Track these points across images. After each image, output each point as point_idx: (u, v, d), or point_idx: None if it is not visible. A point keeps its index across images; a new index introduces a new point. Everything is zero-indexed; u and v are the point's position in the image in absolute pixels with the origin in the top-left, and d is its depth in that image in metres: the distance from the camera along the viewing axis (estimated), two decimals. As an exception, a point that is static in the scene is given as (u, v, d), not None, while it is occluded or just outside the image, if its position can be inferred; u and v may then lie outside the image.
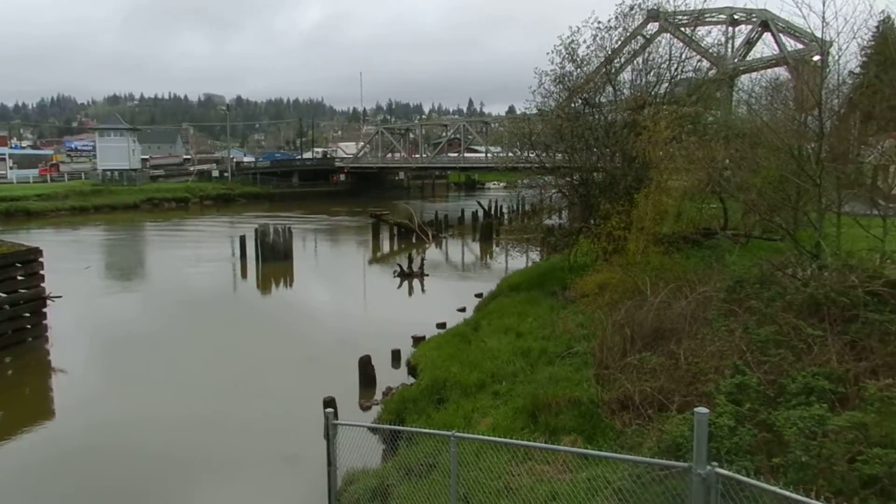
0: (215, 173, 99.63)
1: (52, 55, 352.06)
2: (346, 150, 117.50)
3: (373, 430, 12.05)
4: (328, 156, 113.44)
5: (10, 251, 22.56)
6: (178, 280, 35.46)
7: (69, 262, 36.66)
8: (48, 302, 23.25)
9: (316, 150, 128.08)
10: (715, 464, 5.22)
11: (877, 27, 20.57)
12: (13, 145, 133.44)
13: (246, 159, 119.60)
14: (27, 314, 22.57)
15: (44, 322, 23.06)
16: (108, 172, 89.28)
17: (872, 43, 20.47)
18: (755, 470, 6.21)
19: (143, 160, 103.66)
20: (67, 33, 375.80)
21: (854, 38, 15.00)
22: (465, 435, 8.10)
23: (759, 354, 9.15)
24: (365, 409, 16.33)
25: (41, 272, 23.08)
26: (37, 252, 23.13)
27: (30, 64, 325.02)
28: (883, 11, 20.85)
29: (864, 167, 18.31)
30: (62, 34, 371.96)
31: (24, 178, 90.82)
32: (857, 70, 20.65)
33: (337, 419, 9.15)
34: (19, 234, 47.96)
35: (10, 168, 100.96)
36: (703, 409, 5.33)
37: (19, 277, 22.42)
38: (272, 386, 18.29)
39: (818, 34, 15.07)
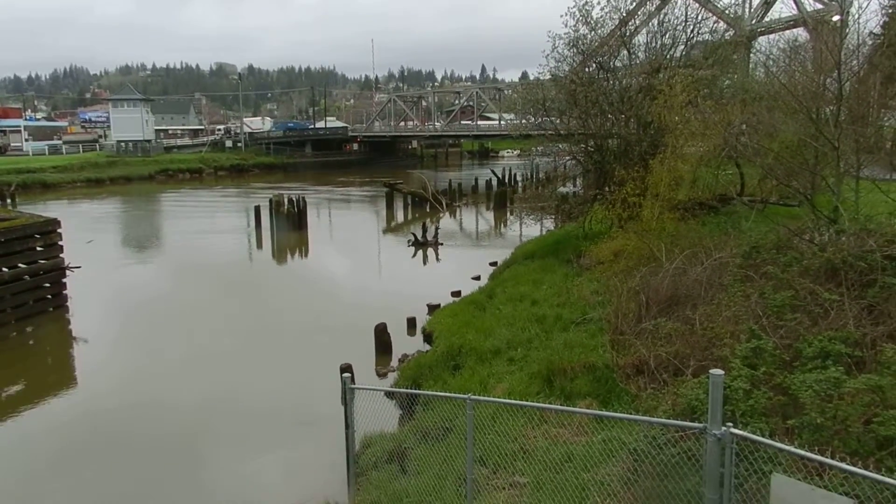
0: (229, 143, 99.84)
1: (63, 22, 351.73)
2: (252, 125, 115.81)
3: (389, 394, 12.19)
4: (232, 132, 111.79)
5: (28, 222, 22.82)
6: (195, 250, 35.75)
7: (86, 233, 36.97)
8: (67, 272, 23.56)
9: (218, 127, 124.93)
10: (730, 424, 5.26)
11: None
12: (28, 117, 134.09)
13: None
14: (47, 284, 22.87)
15: (64, 292, 23.36)
16: (123, 143, 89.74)
17: (893, 2, 20.00)
18: (770, 431, 6.25)
19: (157, 131, 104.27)
20: (73, 3, 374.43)
21: (875, -5, 14.68)
22: (481, 398, 8.19)
23: (775, 319, 9.12)
24: (381, 375, 16.50)
25: (60, 243, 23.35)
26: (55, 223, 23.37)
27: (42, 31, 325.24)
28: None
29: (884, 130, 18.04)
30: (67, 3, 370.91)
31: (39, 150, 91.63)
32: (878, 30, 20.23)
33: (354, 384, 9.26)
34: (37, 206, 48.42)
35: (26, 140, 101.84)
36: (718, 371, 5.36)
37: (39, 248, 22.70)
38: (289, 353, 18.52)
39: (838, -7, 14.75)
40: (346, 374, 9.29)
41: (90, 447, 13.51)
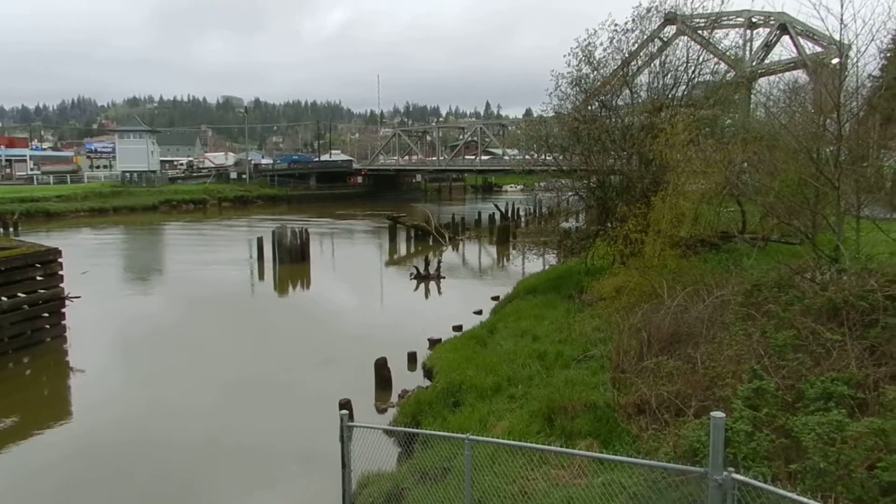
0: (233, 175, 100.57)
1: (73, 56, 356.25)
2: (214, 160, 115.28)
3: (388, 432, 12.07)
4: (193, 166, 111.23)
5: (29, 252, 22.82)
6: (196, 281, 35.71)
7: (87, 262, 36.99)
8: (67, 302, 23.50)
9: (180, 161, 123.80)
10: (731, 469, 5.18)
11: (897, 30, 20.28)
12: (34, 147, 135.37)
13: (264, 161, 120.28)
14: (46, 314, 22.80)
15: (62, 322, 23.27)
16: (128, 174, 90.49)
17: (892, 45, 20.20)
18: (773, 476, 6.17)
19: (163, 162, 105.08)
20: (88, 36, 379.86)
21: (873, 40, 14.85)
22: (480, 438, 8.10)
23: (777, 359, 9.07)
24: (380, 411, 16.35)
25: (60, 273, 23.32)
26: (56, 253, 23.36)
27: (52, 64, 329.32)
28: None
29: (884, 170, 18.11)
30: (82, 36, 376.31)
31: (43, 180, 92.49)
32: (877, 73, 20.41)
33: (352, 421, 9.16)
34: (39, 235, 48.61)
35: (31, 169, 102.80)
36: (719, 414, 5.30)
37: (38, 278, 22.67)
38: (288, 387, 18.38)
39: (836, 37, 14.93)
40: (344, 412, 9.21)
41: (84, 483, 13.33)
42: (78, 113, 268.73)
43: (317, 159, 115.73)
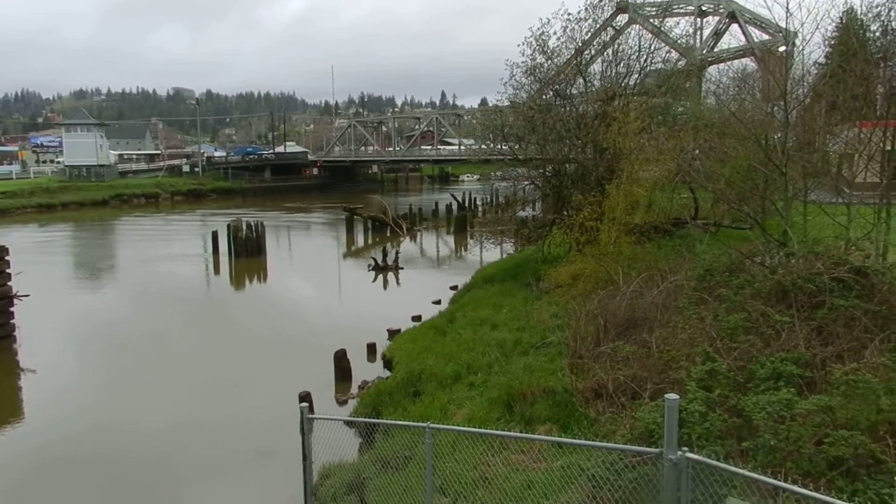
0: (186, 168, 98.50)
1: (16, 50, 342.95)
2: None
3: (348, 423, 12.04)
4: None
5: (-26, 250, 22.10)
6: (149, 277, 35.02)
7: (36, 260, 35.95)
8: (15, 301, 22.84)
9: None
10: (685, 449, 5.30)
11: (840, 18, 20.84)
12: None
13: (217, 154, 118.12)
14: (-6, 314, 22.15)
15: (11, 321, 22.64)
16: (76, 168, 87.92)
17: (836, 34, 20.74)
18: (725, 454, 6.33)
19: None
20: (34, 28, 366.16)
21: (817, 28, 15.27)
22: (441, 426, 8.13)
23: (729, 341, 9.28)
24: (341, 403, 16.31)
25: (7, 271, 22.66)
26: (3, 251, 22.67)
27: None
28: (846, 2, 21.15)
29: (830, 156, 18.63)
30: (28, 29, 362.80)
31: None
32: (823, 60, 20.97)
33: (312, 413, 9.11)
34: (-16, 233, 47.00)
35: None
36: (673, 396, 5.42)
37: (-15, 277, 21.99)
38: (247, 382, 18.18)
39: (782, 25, 15.28)
40: (304, 404, 9.15)
41: (35, 482, 13.01)
42: (22, 107, 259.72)
43: (271, 151, 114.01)
